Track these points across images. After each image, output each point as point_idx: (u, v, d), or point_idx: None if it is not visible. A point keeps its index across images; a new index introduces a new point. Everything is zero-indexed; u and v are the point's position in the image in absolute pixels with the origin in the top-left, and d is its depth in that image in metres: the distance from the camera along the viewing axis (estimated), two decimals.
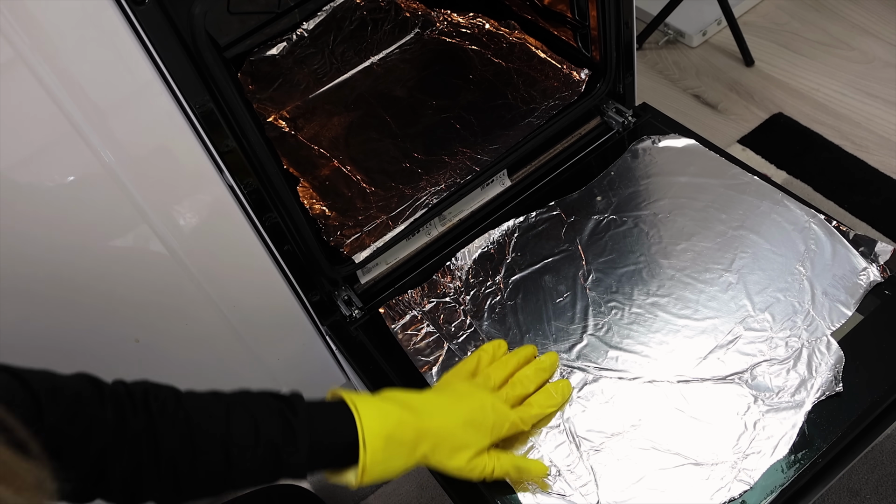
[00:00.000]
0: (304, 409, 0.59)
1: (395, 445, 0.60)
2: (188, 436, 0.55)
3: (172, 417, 0.55)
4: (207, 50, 0.62)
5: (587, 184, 0.94)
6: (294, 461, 0.58)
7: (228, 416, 0.57)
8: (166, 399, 0.56)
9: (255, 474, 0.57)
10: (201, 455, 0.55)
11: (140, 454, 0.53)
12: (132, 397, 0.54)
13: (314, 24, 1.13)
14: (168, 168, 0.68)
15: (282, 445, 0.57)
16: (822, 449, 0.67)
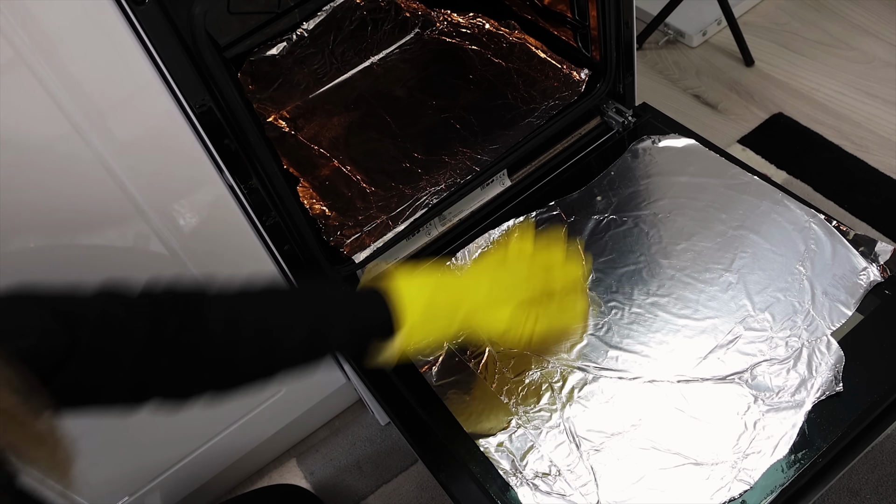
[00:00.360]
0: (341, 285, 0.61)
1: (435, 308, 0.61)
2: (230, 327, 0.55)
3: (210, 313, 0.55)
4: (207, 50, 0.62)
5: (587, 184, 0.94)
6: (336, 335, 0.59)
7: (268, 303, 0.58)
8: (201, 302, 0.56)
9: (300, 356, 0.58)
10: (245, 346, 0.56)
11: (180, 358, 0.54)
12: (162, 305, 0.54)
13: (314, 24, 1.13)
14: (168, 168, 0.68)
15: (323, 323, 0.58)
16: (822, 449, 0.67)
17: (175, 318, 0.54)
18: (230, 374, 0.57)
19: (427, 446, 0.75)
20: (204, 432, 0.98)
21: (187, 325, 0.54)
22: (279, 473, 1.12)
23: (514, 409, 0.75)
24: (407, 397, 0.79)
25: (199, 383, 0.55)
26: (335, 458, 1.11)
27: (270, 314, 0.58)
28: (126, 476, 0.94)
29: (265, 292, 0.59)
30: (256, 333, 0.57)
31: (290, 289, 0.61)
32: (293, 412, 1.07)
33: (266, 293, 0.59)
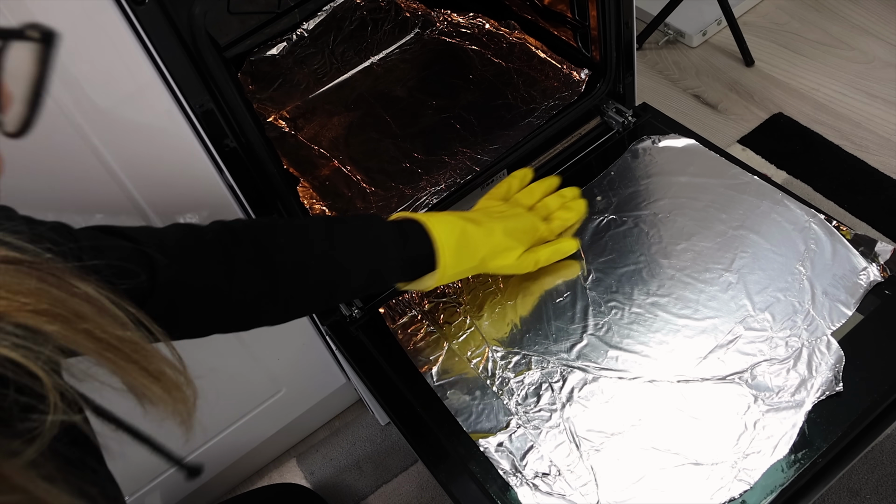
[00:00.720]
0: (391, 228, 0.68)
1: (463, 250, 0.71)
2: (298, 261, 0.61)
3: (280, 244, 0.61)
4: (207, 50, 0.62)
5: (587, 184, 0.94)
6: (389, 269, 0.68)
7: (330, 237, 0.64)
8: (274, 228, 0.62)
9: (355, 290, 0.69)
10: (312, 274, 0.62)
11: (256, 279, 0.59)
12: (235, 233, 0.59)
13: (314, 24, 1.13)
14: (168, 168, 0.68)
15: (379, 258, 0.66)
16: (822, 449, 0.67)
17: (247, 242, 0.59)
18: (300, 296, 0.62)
19: (427, 446, 0.75)
20: (204, 432, 0.98)
21: (260, 247, 0.59)
22: (279, 473, 1.12)
23: (514, 409, 0.75)
24: (407, 397, 0.79)
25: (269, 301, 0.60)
26: (335, 458, 1.11)
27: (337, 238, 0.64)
28: (126, 476, 0.94)
29: (329, 220, 0.67)
30: (326, 257, 0.63)
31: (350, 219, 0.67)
32: (293, 412, 1.07)
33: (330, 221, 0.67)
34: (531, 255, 0.79)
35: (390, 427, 1.13)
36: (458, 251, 0.71)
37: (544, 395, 0.75)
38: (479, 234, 0.73)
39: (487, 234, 0.74)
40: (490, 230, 0.75)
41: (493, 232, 0.75)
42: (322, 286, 0.64)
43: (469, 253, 0.72)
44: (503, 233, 0.76)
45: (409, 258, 0.69)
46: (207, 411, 0.95)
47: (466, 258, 0.72)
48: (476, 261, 0.73)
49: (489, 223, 0.75)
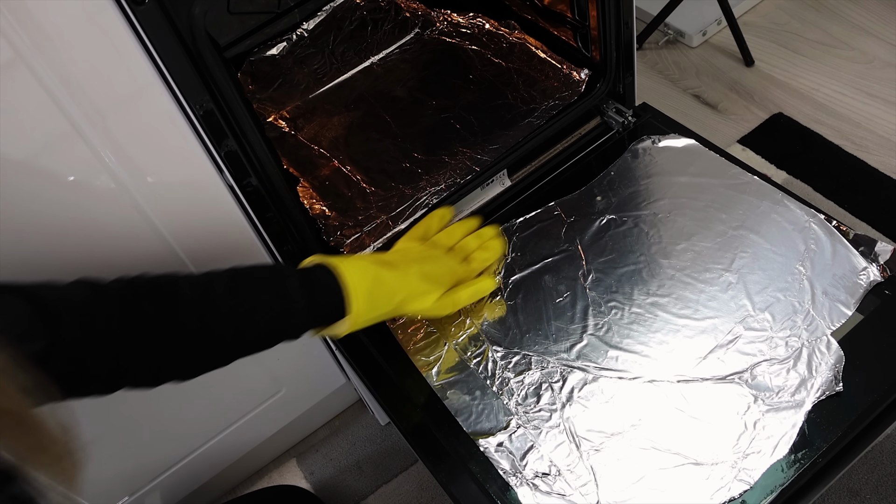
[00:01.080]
0: (296, 276, 0.65)
1: (376, 295, 0.70)
2: (201, 313, 0.59)
3: (183, 297, 0.59)
4: (207, 50, 0.62)
5: (587, 184, 0.94)
6: (295, 324, 0.65)
7: (233, 290, 0.62)
8: (175, 282, 0.59)
9: (262, 339, 0.64)
10: (215, 329, 0.60)
11: (158, 337, 0.57)
12: (137, 288, 0.57)
13: (314, 24, 1.13)
14: (168, 168, 0.68)
15: (284, 310, 0.64)
16: (822, 449, 0.67)
17: (150, 297, 0.57)
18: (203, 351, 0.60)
19: (427, 446, 0.75)
20: (204, 432, 0.98)
21: (162, 302, 0.57)
22: (279, 473, 1.12)
23: (514, 409, 0.75)
24: (407, 397, 0.79)
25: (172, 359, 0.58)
26: (335, 458, 1.11)
27: (241, 292, 0.62)
28: (126, 476, 0.94)
29: (231, 272, 0.64)
30: (227, 308, 0.60)
31: (255, 270, 0.65)
32: (293, 412, 1.07)
33: (232, 273, 0.63)
34: (449, 297, 0.78)
35: (390, 427, 1.13)
36: (371, 297, 0.69)
37: (544, 395, 0.75)
38: (394, 278, 0.72)
39: (403, 277, 0.73)
40: (406, 273, 0.73)
41: (409, 275, 0.74)
42: (226, 342, 0.62)
43: (384, 298, 0.71)
44: (420, 276, 0.74)
45: (318, 306, 0.66)
46: (207, 411, 0.95)
47: (381, 303, 0.71)
48: (392, 305, 0.72)
49: (405, 266, 0.74)
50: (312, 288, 0.66)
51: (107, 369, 0.55)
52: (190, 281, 0.61)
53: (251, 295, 0.62)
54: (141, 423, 0.89)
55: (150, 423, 0.90)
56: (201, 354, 0.60)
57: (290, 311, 0.64)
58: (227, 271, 0.63)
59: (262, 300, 0.62)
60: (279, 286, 0.64)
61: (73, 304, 0.54)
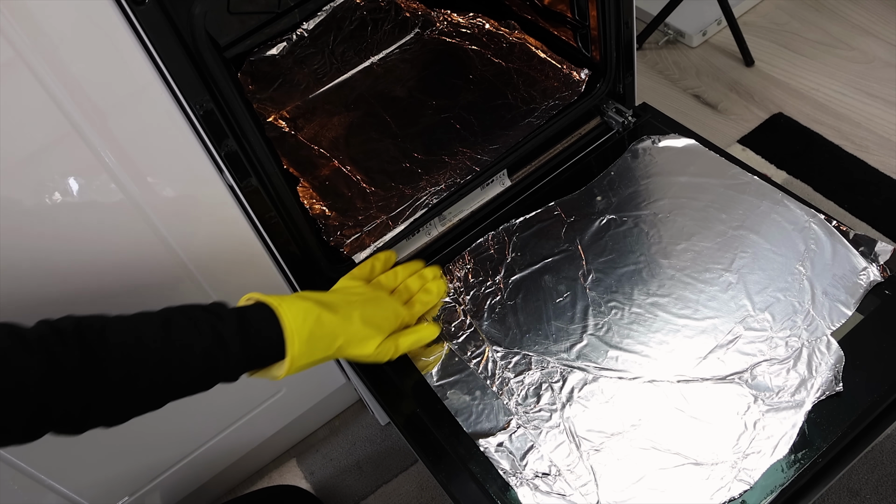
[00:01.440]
0: (231, 316, 0.63)
1: (316, 340, 0.67)
2: (130, 361, 0.57)
3: (112, 346, 0.56)
4: (207, 50, 0.62)
5: (587, 184, 0.94)
6: (230, 367, 0.62)
7: (164, 336, 0.59)
8: (102, 328, 0.57)
9: (194, 385, 0.61)
10: (144, 377, 0.57)
11: (83, 386, 0.54)
12: (62, 334, 0.55)
13: (314, 24, 1.13)
14: (168, 168, 0.68)
15: (218, 355, 0.61)
16: (822, 449, 0.67)
17: (73, 344, 0.55)
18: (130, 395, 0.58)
19: (427, 446, 0.75)
20: (204, 432, 0.98)
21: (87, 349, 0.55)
22: (279, 473, 1.12)
23: (514, 409, 0.75)
24: (407, 397, 0.79)
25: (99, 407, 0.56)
26: (335, 458, 1.11)
27: (171, 334, 0.59)
28: (126, 476, 0.94)
29: (164, 314, 0.61)
30: (157, 353, 0.58)
31: (188, 310, 0.62)
32: (293, 412, 1.07)
33: (165, 315, 0.61)
34: (391, 342, 0.76)
35: (390, 427, 1.13)
36: (311, 341, 0.66)
37: (544, 395, 0.75)
38: (335, 321, 0.69)
39: (344, 321, 0.70)
40: (347, 317, 0.71)
41: (350, 319, 0.71)
42: (157, 387, 0.59)
43: (324, 342, 0.68)
44: (361, 320, 0.72)
45: (254, 348, 0.63)
46: (208, 411, 0.95)
47: (320, 347, 0.68)
48: (332, 350, 0.70)
49: (347, 309, 0.72)
50: (249, 330, 0.63)
51: (27, 417, 0.53)
52: (118, 325, 0.58)
53: (183, 338, 0.60)
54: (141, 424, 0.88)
55: (150, 424, 0.89)
56: (129, 401, 0.58)
57: (224, 355, 0.61)
58: (159, 313, 0.61)
59: (193, 344, 0.60)
60: (213, 328, 0.61)
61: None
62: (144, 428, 0.90)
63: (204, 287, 0.79)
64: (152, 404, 0.60)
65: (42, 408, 0.53)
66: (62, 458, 0.84)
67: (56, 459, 0.83)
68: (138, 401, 0.59)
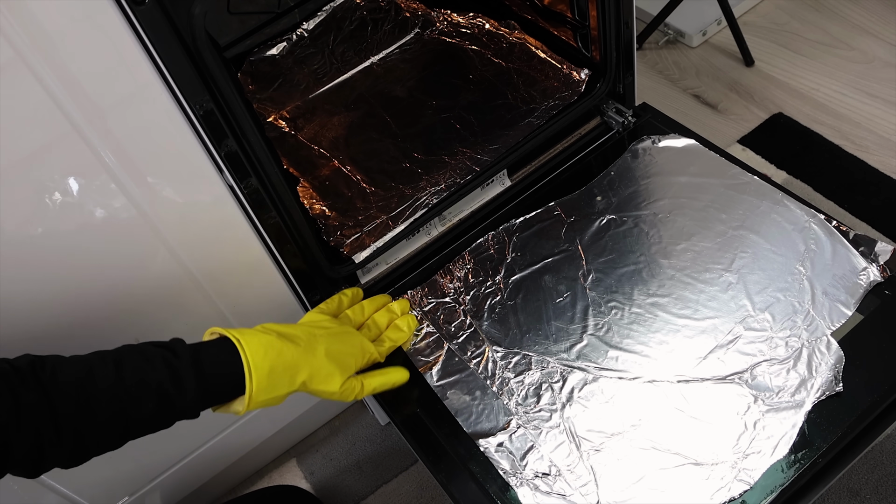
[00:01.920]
0: (186, 352, 0.62)
1: (277, 374, 0.65)
2: (82, 398, 0.56)
3: (64, 383, 0.56)
4: (207, 50, 0.62)
5: (587, 184, 0.94)
6: (186, 402, 0.61)
7: (117, 373, 0.58)
8: (54, 367, 0.57)
9: (151, 422, 0.61)
10: (98, 414, 0.57)
11: (38, 426, 0.54)
12: (19, 372, 0.55)
13: (314, 24, 1.13)
14: (168, 168, 0.68)
15: (172, 390, 0.60)
16: (822, 449, 0.67)
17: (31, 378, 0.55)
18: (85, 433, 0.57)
19: (427, 446, 0.75)
20: (204, 432, 0.97)
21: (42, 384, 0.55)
22: (279, 473, 1.12)
23: (514, 409, 0.75)
24: (407, 397, 0.79)
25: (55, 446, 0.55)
26: (335, 458, 1.11)
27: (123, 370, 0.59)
28: (126, 476, 0.94)
29: (118, 352, 0.61)
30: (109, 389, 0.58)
31: (142, 347, 0.62)
32: (293, 412, 1.07)
33: (119, 353, 0.60)
34: (356, 381, 0.73)
35: (390, 427, 1.13)
36: (272, 375, 0.65)
37: (544, 395, 0.75)
38: (298, 356, 0.67)
39: (308, 355, 0.68)
40: (311, 351, 0.69)
41: (314, 353, 0.69)
42: (111, 424, 0.58)
43: (286, 378, 0.66)
44: (326, 356, 0.70)
45: (211, 384, 0.62)
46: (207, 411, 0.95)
47: (282, 383, 0.66)
48: (294, 385, 0.68)
49: (311, 343, 0.70)
50: (204, 364, 0.62)
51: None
52: (71, 364, 0.58)
53: (136, 374, 0.59)
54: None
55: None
56: (84, 439, 0.57)
57: (178, 390, 0.60)
58: (114, 351, 0.60)
59: (147, 379, 0.59)
60: (167, 364, 0.60)
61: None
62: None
63: (204, 287, 0.79)
64: (109, 443, 0.59)
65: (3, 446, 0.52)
66: None
67: None
68: (94, 439, 0.57)
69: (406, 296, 0.88)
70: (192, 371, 0.61)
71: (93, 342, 0.76)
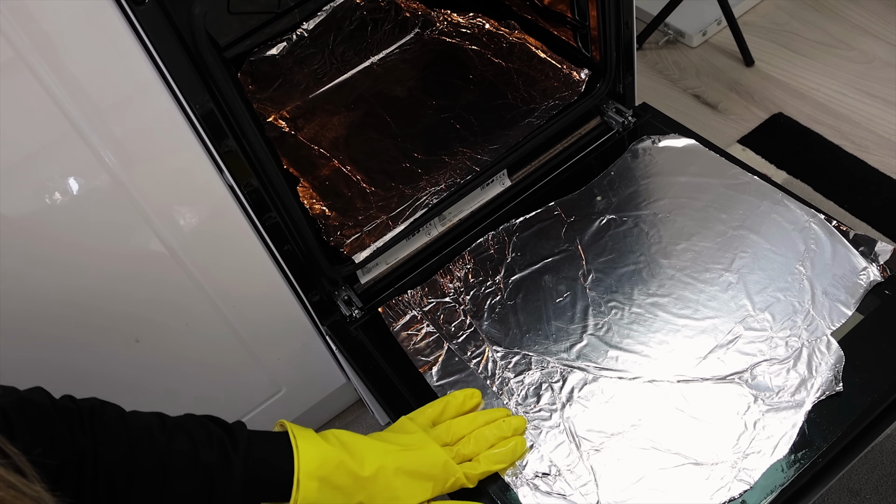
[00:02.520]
0: (244, 440, 0.59)
1: (329, 489, 0.60)
2: (129, 457, 0.54)
3: (115, 437, 0.54)
4: (207, 50, 0.62)
5: (587, 184, 0.94)
6: (229, 491, 0.57)
7: (169, 440, 0.56)
8: (111, 418, 0.55)
9: (188, 499, 0.57)
10: (139, 476, 0.55)
11: (83, 472, 0.53)
12: (80, 413, 0.54)
13: (314, 24, 1.13)
14: (168, 168, 0.68)
15: (217, 474, 0.57)
16: (822, 449, 0.67)
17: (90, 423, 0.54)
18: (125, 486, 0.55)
19: None
20: None
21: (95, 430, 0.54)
22: None
23: (514, 409, 0.75)
24: (407, 397, 0.79)
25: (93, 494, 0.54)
26: None
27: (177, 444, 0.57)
28: None
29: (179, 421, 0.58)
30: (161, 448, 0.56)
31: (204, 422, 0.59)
32: (293, 412, 1.07)
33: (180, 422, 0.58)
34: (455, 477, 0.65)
35: None
36: (322, 490, 0.59)
37: (544, 395, 0.75)
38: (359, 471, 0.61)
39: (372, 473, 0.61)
40: (381, 467, 0.61)
41: (378, 475, 0.61)
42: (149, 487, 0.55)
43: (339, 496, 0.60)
44: (395, 477, 0.62)
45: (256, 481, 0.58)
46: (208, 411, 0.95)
47: (335, 499, 0.60)
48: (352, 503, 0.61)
49: (382, 458, 0.62)
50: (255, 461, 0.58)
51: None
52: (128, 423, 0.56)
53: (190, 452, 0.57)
54: None
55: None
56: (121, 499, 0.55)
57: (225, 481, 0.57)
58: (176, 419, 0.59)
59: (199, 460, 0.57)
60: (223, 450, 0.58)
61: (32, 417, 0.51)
62: None
63: (203, 286, 0.79)
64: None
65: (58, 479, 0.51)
66: None
67: None
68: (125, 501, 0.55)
69: (411, 295, 0.88)
70: (242, 464, 0.58)
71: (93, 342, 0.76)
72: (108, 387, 0.69)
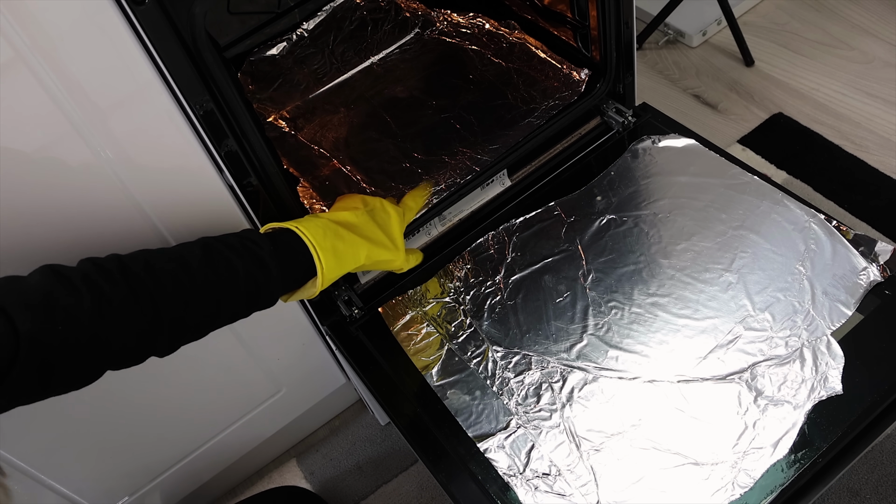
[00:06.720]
0: (264, 240, 0.65)
1: (341, 252, 0.70)
2: (176, 284, 0.58)
3: (156, 272, 0.58)
4: (207, 50, 0.62)
5: (587, 184, 0.94)
6: (270, 287, 0.65)
7: (206, 259, 0.61)
8: (146, 259, 0.58)
9: (241, 307, 0.64)
10: (195, 302, 0.59)
11: (134, 317, 0.56)
12: (107, 272, 0.56)
13: (314, 24, 1.13)
14: (168, 168, 0.68)
15: (259, 274, 0.63)
16: (822, 449, 0.67)
17: (121, 276, 0.56)
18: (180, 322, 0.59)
19: (427, 446, 0.75)
20: (204, 432, 0.98)
21: (136, 278, 0.56)
22: (279, 473, 1.12)
23: (514, 409, 0.75)
24: (407, 397, 0.79)
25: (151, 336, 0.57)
26: (335, 458, 1.11)
27: (213, 258, 0.61)
28: (126, 476, 0.94)
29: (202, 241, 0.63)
30: (202, 276, 0.60)
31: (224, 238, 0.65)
32: (293, 412, 1.07)
33: (204, 242, 0.63)
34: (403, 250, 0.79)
35: (390, 427, 1.13)
36: (337, 254, 0.70)
37: (544, 395, 0.75)
38: (353, 233, 0.73)
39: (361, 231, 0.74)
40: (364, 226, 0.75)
41: (367, 228, 0.75)
42: (203, 311, 0.60)
43: (349, 254, 0.71)
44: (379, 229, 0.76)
45: (289, 269, 0.66)
46: (208, 411, 0.95)
47: (347, 260, 0.71)
48: (360, 260, 0.73)
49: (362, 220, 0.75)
50: (282, 251, 0.66)
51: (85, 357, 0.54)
52: (161, 255, 0.60)
53: (226, 264, 0.62)
54: (141, 424, 0.89)
55: (151, 424, 0.90)
56: (178, 328, 0.59)
57: (264, 276, 0.64)
58: (198, 242, 0.63)
59: (237, 269, 0.62)
60: (251, 252, 0.64)
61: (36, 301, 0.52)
62: (145, 428, 0.90)
63: None
64: (198, 331, 0.61)
65: (96, 341, 0.54)
66: (62, 458, 0.84)
67: (56, 459, 0.83)
68: (186, 328, 0.60)
69: (411, 295, 0.88)
70: (274, 258, 0.64)
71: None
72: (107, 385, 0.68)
